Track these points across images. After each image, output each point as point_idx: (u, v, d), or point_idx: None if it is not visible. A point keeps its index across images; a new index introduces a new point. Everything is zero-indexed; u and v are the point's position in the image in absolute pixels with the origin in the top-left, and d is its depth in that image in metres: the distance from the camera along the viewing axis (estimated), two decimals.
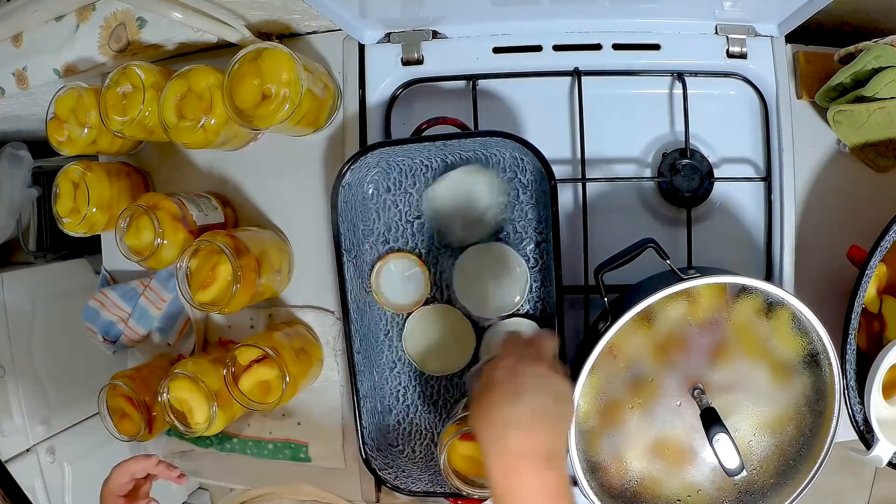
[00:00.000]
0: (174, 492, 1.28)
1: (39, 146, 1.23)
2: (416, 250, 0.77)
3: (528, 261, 0.75)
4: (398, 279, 0.77)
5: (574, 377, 0.64)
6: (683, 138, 0.77)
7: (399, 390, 0.80)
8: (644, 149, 0.79)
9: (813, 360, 0.64)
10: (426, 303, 0.77)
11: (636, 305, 0.61)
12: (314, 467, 0.85)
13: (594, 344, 0.62)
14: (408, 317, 0.78)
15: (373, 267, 0.77)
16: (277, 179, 0.84)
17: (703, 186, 0.77)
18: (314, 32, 0.83)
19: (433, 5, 0.73)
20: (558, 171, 0.72)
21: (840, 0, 0.64)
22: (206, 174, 0.87)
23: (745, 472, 0.60)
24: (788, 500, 0.66)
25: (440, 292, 0.78)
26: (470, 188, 0.74)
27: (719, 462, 0.60)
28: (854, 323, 0.67)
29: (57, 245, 1.33)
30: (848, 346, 0.67)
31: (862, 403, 0.68)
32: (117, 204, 0.83)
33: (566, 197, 0.78)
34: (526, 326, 0.75)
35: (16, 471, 1.03)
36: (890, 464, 0.69)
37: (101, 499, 0.75)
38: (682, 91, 0.76)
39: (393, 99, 0.79)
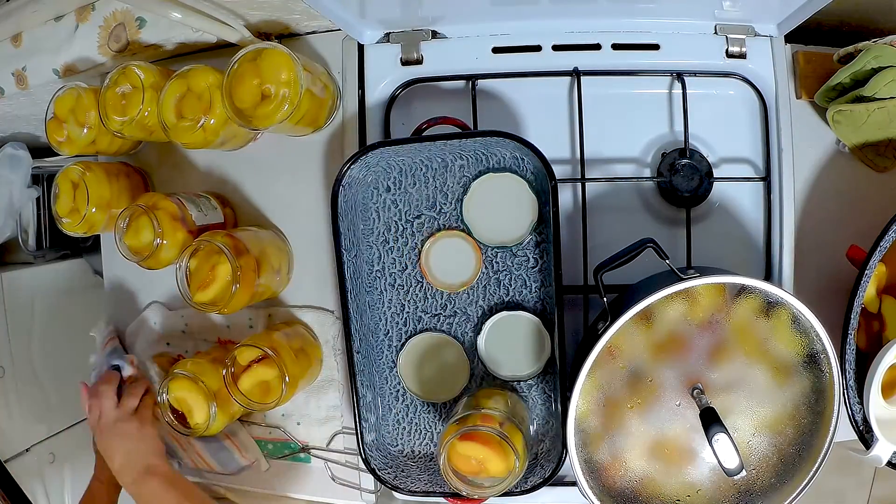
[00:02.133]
0: None
1: (39, 146, 1.22)
2: (417, 249, 0.77)
3: (527, 261, 0.75)
4: (449, 257, 0.76)
5: (573, 377, 0.64)
6: (683, 138, 0.77)
7: (399, 390, 0.80)
8: (643, 149, 0.79)
9: (812, 359, 0.64)
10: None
11: (635, 305, 0.61)
12: (314, 467, 0.85)
13: (593, 344, 0.62)
14: (403, 345, 0.78)
15: (423, 244, 0.77)
16: (277, 179, 0.84)
17: (702, 186, 0.77)
18: (313, 32, 0.83)
19: (432, 5, 0.73)
20: (558, 170, 0.72)
21: (839, 0, 0.64)
22: (205, 174, 0.87)
23: (744, 472, 0.60)
24: (788, 500, 0.66)
25: (437, 319, 0.78)
26: (510, 194, 0.74)
27: (719, 462, 0.60)
28: (853, 323, 0.67)
29: (56, 245, 1.33)
30: (847, 346, 0.67)
31: (861, 403, 0.68)
32: (117, 204, 0.83)
33: (565, 197, 0.78)
34: (525, 319, 0.75)
35: (15, 471, 1.03)
36: (889, 463, 0.69)
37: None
38: (681, 91, 0.76)
39: (392, 99, 0.79)
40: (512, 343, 0.75)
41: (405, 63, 0.78)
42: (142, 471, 0.74)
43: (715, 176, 0.77)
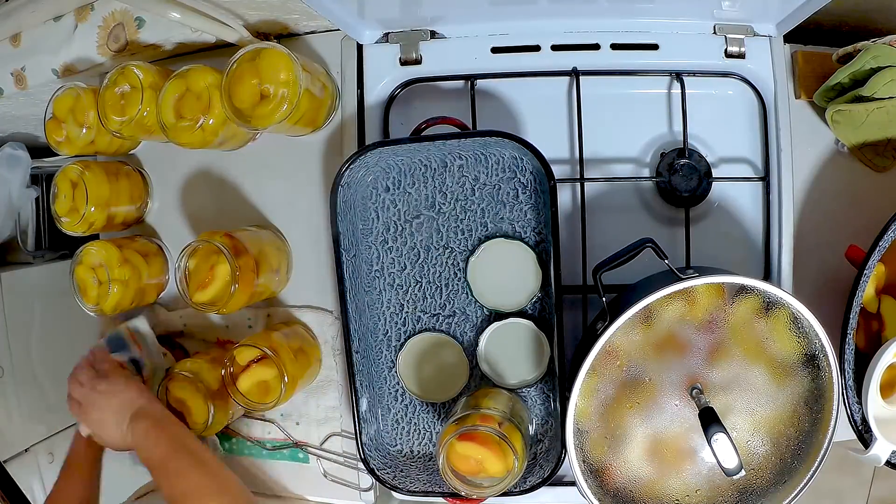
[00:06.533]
0: None
1: (38, 146, 1.22)
2: (416, 249, 0.77)
3: None
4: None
5: (572, 377, 0.64)
6: (682, 138, 0.77)
7: (398, 389, 0.80)
8: (642, 148, 0.79)
9: (811, 359, 0.64)
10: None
11: (634, 305, 0.61)
12: (312, 467, 0.85)
13: (592, 344, 0.62)
14: (402, 345, 0.78)
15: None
16: (276, 179, 0.84)
17: (701, 186, 0.77)
18: (312, 32, 0.83)
19: (431, 5, 0.73)
20: (557, 170, 0.72)
21: (838, 0, 0.64)
22: (204, 174, 0.87)
23: (743, 472, 0.60)
24: (787, 500, 0.66)
25: (436, 319, 0.78)
26: (514, 261, 0.74)
27: (718, 462, 0.60)
28: (852, 322, 0.67)
29: (56, 245, 1.33)
30: (846, 346, 0.67)
31: (860, 403, 0.68)
32: (116, 203, 0.83)
33: (564, 197, 0.78)
34: (524, 326, 0.75)
35: (14, 471, 1.03)
36: (888, 463, 0.69)
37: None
38: (680, 91, 0.76)
39: (391, 99, 0.79)
40: (512, 350, 0.75)
41: (404, 63, 0.78)
42: (131, 417, 0.71)
43: (714, 176, 0.77)
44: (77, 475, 0.79)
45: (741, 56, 0.76)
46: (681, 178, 0.77)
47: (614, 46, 0.76)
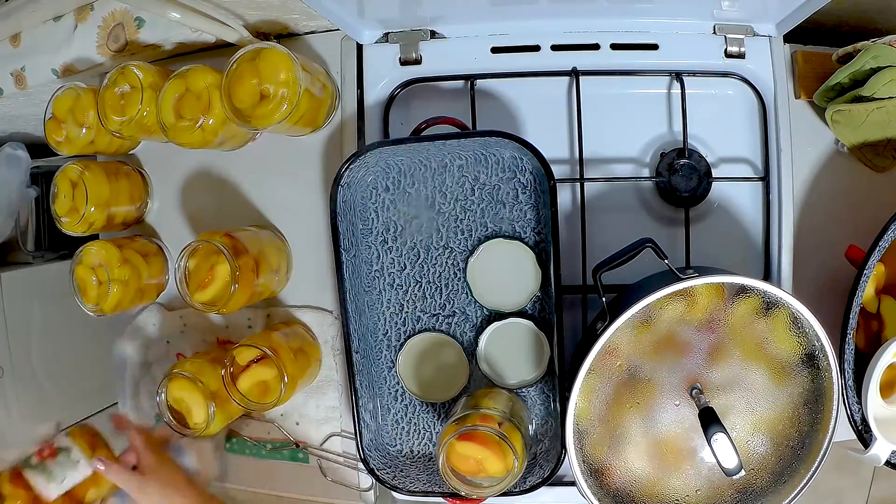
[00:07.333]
0: None
1: (38, 146, 1.22)
2: (416, 249, 0.77)
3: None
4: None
5: (572, 377, 0.64)
6: (682, 138, 0.77)
7: (397, 389, 0.80)
8: (642, 148, 0.79)
9: (811, 359, 0.64)
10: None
11: (634, 305, 0.61)
12: (312, 467, 0.85)
13: (592, 344, 0.62)
14: (401, 348, 0.78)
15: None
16: (276, 179, 0.84)
17: (701, 186, 0.77)
18: (312, 32, 0.83)
19: (431, 5, 0.73)
20: (557, 170, 0.72)
21: (838, 0, 0.64)
22: (204, 174, 0.87)
23: (743, 472, 0.60)
24: (787, 500, 0.66)
25: (435, 319, 0.78)
26: (514, 262, 0.74)
27: (718, 462, 0.60)
28: (852, 322, 0.67)
29: (55, 245, 1.33)
30: (846, 346, 0.67)
31: (860, 403, 0.68)
32: (115, 203, 0.83)
33: (564, 197, 0.78)
34: (524, 326, 0.75)
35: None
36: (888, 463, 0.69)
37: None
38: (680, 91, 0.76)
39: (391, 99, 0.79)
40: (512, 350, 0.75)
41: (404, 63, 0.78)
42: None
43: (714, 176, 0.77)
44: None
45: (741, 56, 0.76)
46: (681, 178, 0.77)
47: (614, 46, 0.76)
